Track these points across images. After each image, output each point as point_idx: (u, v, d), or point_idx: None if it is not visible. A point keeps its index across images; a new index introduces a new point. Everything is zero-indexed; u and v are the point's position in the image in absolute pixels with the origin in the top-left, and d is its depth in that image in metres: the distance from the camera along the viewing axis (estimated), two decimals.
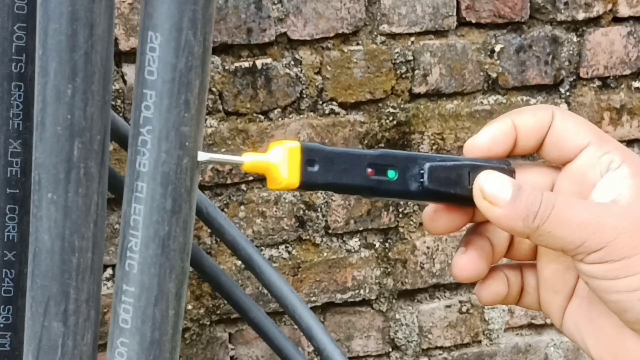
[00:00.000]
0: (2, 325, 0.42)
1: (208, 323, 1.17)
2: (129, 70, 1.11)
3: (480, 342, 1.32)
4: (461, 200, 0.40)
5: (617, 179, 0.39)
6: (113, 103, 1.14)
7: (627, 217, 0.37)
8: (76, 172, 0.31)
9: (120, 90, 1.11)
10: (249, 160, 0.36)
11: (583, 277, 0.39)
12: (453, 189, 0.39)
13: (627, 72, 1.29)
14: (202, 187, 1.17)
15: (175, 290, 0.31)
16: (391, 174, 0.39)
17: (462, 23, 1.21)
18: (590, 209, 0.37)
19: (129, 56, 1.11)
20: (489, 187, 0.38)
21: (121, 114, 1.14)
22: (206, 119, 1.18)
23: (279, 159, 0.36)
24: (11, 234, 0.43)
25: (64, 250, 0.31)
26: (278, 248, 1.20)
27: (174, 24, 0.29)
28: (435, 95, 1.22)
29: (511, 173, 0.40)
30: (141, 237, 0.30)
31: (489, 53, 1.24)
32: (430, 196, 0.40)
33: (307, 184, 0.37)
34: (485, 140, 0.40)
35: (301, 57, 1.15)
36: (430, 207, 0.42)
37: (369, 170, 0.38)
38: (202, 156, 0.35)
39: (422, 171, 0.39)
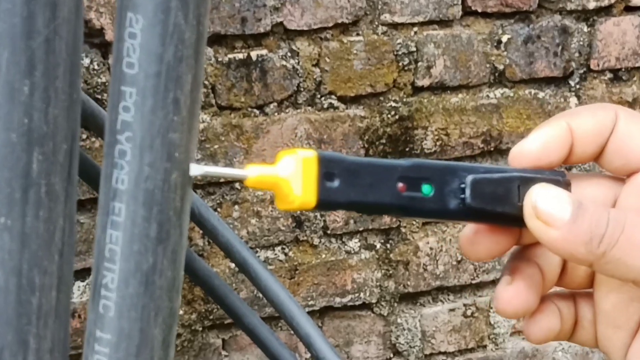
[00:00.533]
0: None
1: (200, 329, 1.15)
2: None
3: (485, 347, 1.31)
4: (509, 220, 0.35)
5: None
6: (99, 97, 1.06)
7: None
8: (36, 191, 0.26)
9: (107, 84, 1.06)
10: (254, 174, 0.31)
11: None
12: (500, 207, 0.34)
13: (639, 63, 1.30)
14: (194, 186, 1.14)
15: (162, 337, 0.27)
16: (426, 189, 0.33)
17: (468, 12, 1.18)
18: None
19: None
20: (544, 205, 0.33)
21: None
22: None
23: (291, 172, 0.31)
24: None
25: (22, 289, 0.27)
26: (274, 249, 1.18)
27: (160, 4, 0.25)
28: (440, 88, 1.20)
29: (567, 186, 0.35)
30: (119, 271, 0.26)
31: (495, 44, 1.21)
32: (473, 216, 0.35)
33: (325, 203, 0.32)
34: (536, 146, 0.34)
35: (298, 49, 1.13)
36: (470, 228, 0.36)
37: (400, 185, 0.33)
38: (196, 169, 0.30)
39: (463, 185, 0.34)
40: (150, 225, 0.26)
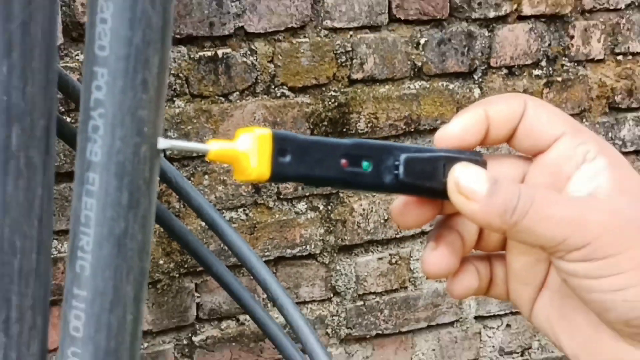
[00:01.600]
0: None
1: (177, 275, 1.20)
2: None
3: (406, 287, 1.37)
4: (435, 193, 0.36)
5: (594, 171, 0.35)
6: None
7: (610, 212, 0.33)
8: (15, 163, 0.26)
9: None
10: (215, 148, 0.32)
11: (562, 275, 0.35)
12: (428, 182, 0.35)
13: (529, 62, 1.34)
14: (171, 160, 1.17)
15: (133, 294, 0.26)
16: (365, 165, 0.35)
17: (393, 19, 1.24)
18: (572, 204, 0.34)
19: None
20: (465, 181, 0.34)
21: None
22: (174, 101, 1.18)
23: (248, 148, 0.32)
24: None
25: (4, 252, 0.26)
26: (237, 211, 1.23)
27: None
28: (370, 81, 1.25)
29: (484, 165, 0.36)
30: (94, 235, 0.26)
31: (415, 45, 1.26)
32: (405, 189, 0.36)
33: (277, 176, 0.33)
34: (457, 129, 0.36)
35: (256, 48, 1.17)
36: (400, 200, 0.37)
37: (343, 161, 0.34)
38: (163, 143, 0.30)
39: (397, 163, 0.35)
40: (122, 193, 0.25)
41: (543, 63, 1.37)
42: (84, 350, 0.25)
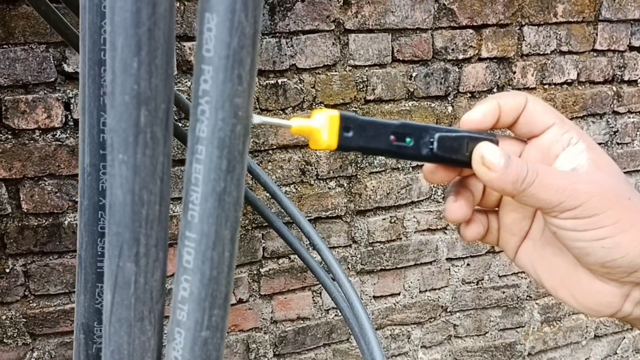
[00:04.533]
0: (99, 253, 0.37)
1: (250, 228, 1.33)
2: None
3: (401, 238, 1.49)
4: (459, 163, 0.35)
5: (576, 152, 0.35)
6: None
7: (593, 183, 0.33)
8: (143, 136, 0.25)
9: None
10: (296, 124, 0.32)
11: (552, 228, 0.35)
12: (455, 155, 0.35)
13: (485, 89, 1.45)
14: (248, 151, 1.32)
15: (230, 236, 0.26)
16: (408, 140, 0.34)
17: (395, 60, 1.35)
18: (567, 177, 0.33)
19: None
20: (488, 155, 0.33)
21: None
22: None
23: (321, 124, 0.32)
24: (104, 185, 0.38)
25: (135, 203, 0.26)
26: (290, 186, 1.34)
27: (228, 6, 0.24)
28: (379, 101, 1.36)
29: (497, 143, 0.36)
30: (201, 192, 0.25)
31: (409, 77, 1.37)
32: (437, 160, 0.35)
33: (342, 147, 0.32)
34: (479, 115, 0.35)
35: (303, 78, 1.28)
36: (431, 164, 0.37)
37: (392, 137, 0.34)
38: (256, 119, 0.30)
39: (432, 140, 0.35)
40: (222, 161, 0.25)
41: (494, 90, 1.45)
42: (194, 277, 0.25)
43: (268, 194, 1.17)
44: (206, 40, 0.24)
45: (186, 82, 1.20)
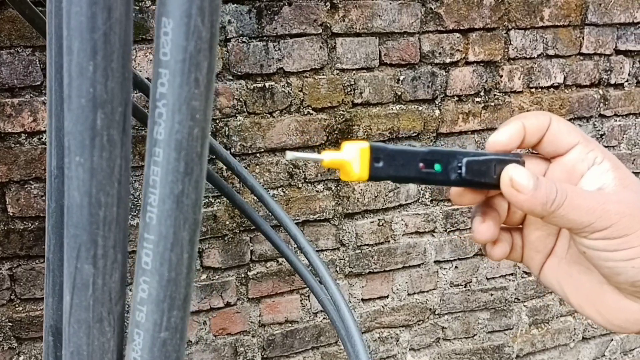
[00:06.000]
0: None
1: (238, 231, 1.33)
2: None
3: (389, 241, 1.49)
4: (487, 186, 0.35)
5: (601, 171, 0.35)
6: None
7: (621, 203, 0.33)
8: (100, 139, 0.25)
9: None
10: (328, 158, 0.32)
11: (581, 248, 0.34)
12: (483, 179, 0.35)
13: (472, 92, 1.46)
14: (234, 155, 1.26)
15: (188, 238, 0.26)
16: (437, 167, 0.34)
17: (382, 63, 1.35)
18: (596, 198, 0.33)
19: None
20: (517, 178, 0.33)
21: None
22: (236, 116, 1.25)
23: (352, 157, 0.32)
24: None
25: (92, 205, 0.25)
26: (278, 189, 1.34)
27: (184, 11, 0.24)
28: (367, 104, 1.36)
29: (522, 164, 0.36)
30: (159, 194, 0.25)
31: (396, 81, 1.37)
32: (466, 184, 0.35)
33: (373, 177, 0.33)
34: (505, 137, 0.35)
35: (291, 82, 1.28)
36: (458, 188, 0.36)
37: (421, 164, 0.34)
38: (290, 155, 0.31)
39: (459, 164, 0.35)
40: (180, 163, 0.25)
41: (482, 93, 1.46)
42: (152, 279, 0.25)
43: (255, 197, 1.14)
44: (163, 44, 0.24)
45: None
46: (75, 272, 0.26)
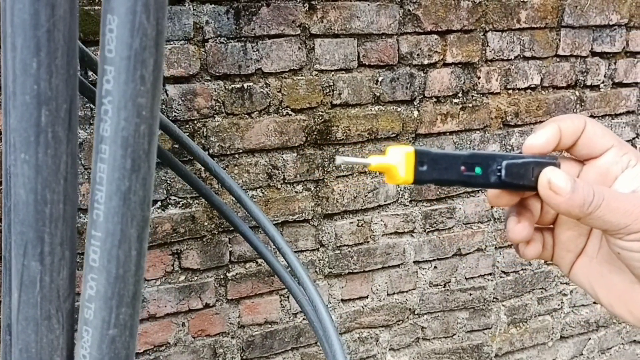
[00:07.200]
0: None
1: (217, 232, 1.32)
2: (171, 88, 1.18)
3: (368, 242, 1.50)
4: (525, 188, 0.36)
5: (635, 174, 0.35)
6: (160, 107, 1.23)
7: None
8: (44, 136, 0.25)
9: (164, 100, 1.20)
10: (375, 162, 0.33)
11: (615, 249, 0.35)
12: (521, 181, 0.35)
13: (450, 93, 1.47)
14: (212, 155, 1.23)
15: (137, 235, 0.25)
16: (477, 170, 0.35)
17: (361, 64, 1.36)
18: (632, 200, 0.33)
19: (170, 80, 1.18)
20: (555, 180, 0.34)
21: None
22: (214, 117, 1.24)
23: (398, 161, 0.33)
24: None
25: (37, 202, 0.25)
26: (257, 190, 1.34)
27: (129, 8, 0.23)
28: (345, 105, 1.37)
29: (558, 166, 0.36)
30: (105, 191, 0.25)
31: (375, 82, 1.38)
32: (504, 186, 0.36)
33: (418, 181, 0.34)
34: (542, 140, 0.35)
35: (270, 82, 1.28)
36: (495, 189, 0.37)
37: (462, 167, 0.35)
38: (339, 160, 0.32)
39: (499, 167, 0.35)
40: (126, 160, 0.24)
41: (459, 94, 1.47)
42: (100, 276, 0.25)
43: (234, 198, 1.14)
44: (108, 41, 0.24)
45: None
46: (23, 269, 0.26)
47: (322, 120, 1.35)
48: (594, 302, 1.81)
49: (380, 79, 1.38)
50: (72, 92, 0.26)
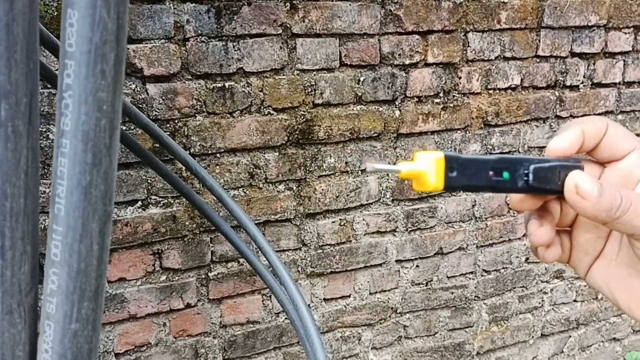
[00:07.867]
0: None
1: (198, 232, 1.32)
2: (151, 87, 1.18)
3: (350, 241, 1.50)
4: (551, 192, 0.36)
5: None
6: (140, 106, 1.18)
7: None
8: (4, 130, 0.25)
9: (144, 99, 1.19)
10: (405, 169, 0.33)
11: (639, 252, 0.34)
12: (548, 185, 0.35)
13: (432, 93, 1.48)
14: (194, 155, 1.23)
15: (99, 229, 0.25)
16: (505, 175, 0.35)
17: (342, 64, 1.36)
18: None
19: (151, 79, 1.18)
20: (582, 184, 0.33)
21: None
22: (196, 116, 1.24)
23: (427, 167, 0.32)
24: None
25: None
26: (238, 190, 1.34)
27: (89, 2, 0.23)
28: (327, 104, 1.37)
29: (582, 169, 0.36)
30: (66, 185, 0.25)
31: (357, 81, 1.38)
32: (532, 190, 0.36)
33: (448, 187, 0.33)
34: (566, 143, 0.35)
35: (251, 82, 1.28)
36: (519, 194, 0.36)
37: (491, 172, 0.34)
38: (369, 167, 0.31)
39: (527, 172, 0.35)
40: (87, 154, 0.24)
41: (441, 94, 1.48)
42: (61, 270, 0.25)
43: (215, 198, 1.16)
44: (69, 36, 0.24)
45: (130, 84, 1.19)
46: None
47: (304, 119, 1.35)
48: (574, 300, 1.82)
49: (362, 79, 1.39)
50: (33, 86, 0.25)
